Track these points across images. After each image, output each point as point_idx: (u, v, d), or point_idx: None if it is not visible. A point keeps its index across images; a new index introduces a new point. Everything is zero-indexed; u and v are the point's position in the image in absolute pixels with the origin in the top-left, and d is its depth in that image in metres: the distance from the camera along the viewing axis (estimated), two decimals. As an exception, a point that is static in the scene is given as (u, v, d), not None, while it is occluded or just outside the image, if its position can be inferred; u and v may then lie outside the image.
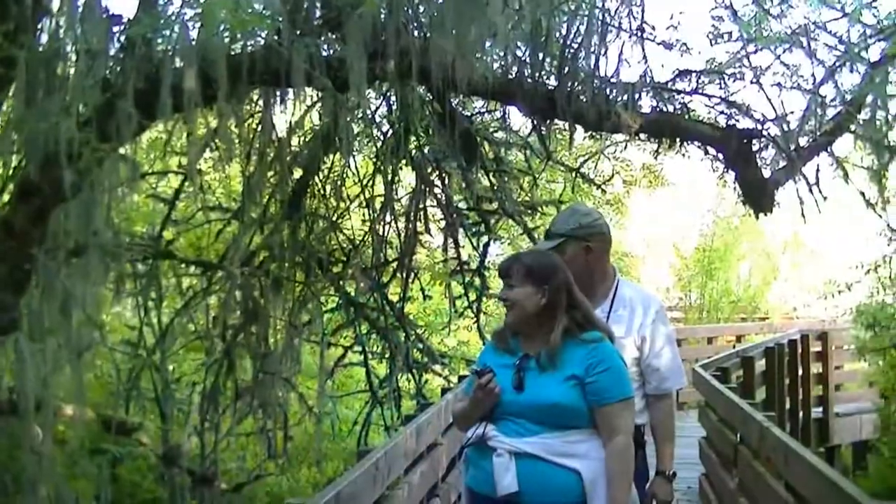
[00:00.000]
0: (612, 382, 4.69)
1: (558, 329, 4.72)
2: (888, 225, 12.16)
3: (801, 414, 17.45)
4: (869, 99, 10.80)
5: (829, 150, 10.86)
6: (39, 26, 7.89)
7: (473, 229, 11.21)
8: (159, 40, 7.91)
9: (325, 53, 8.69)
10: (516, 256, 5.04)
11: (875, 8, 11.17)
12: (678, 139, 10.33)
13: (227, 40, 7.98)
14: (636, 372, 5.43)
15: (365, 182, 11.07)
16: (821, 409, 18.43)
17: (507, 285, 4.84)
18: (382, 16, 8.26)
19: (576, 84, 9.34)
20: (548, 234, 5.61)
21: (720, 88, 10.57)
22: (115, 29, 7.84)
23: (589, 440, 4.65)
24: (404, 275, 11.30)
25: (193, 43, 7.70)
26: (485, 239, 11.54)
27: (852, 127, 10.88)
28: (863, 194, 11.33)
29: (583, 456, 4.60)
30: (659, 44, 10.43)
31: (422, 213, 11.03)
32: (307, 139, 10.49)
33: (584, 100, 9.26)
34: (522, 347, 4.83)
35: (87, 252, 7.81)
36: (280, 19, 7.85)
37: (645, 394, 5.54)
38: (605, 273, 5.60)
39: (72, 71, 7.72)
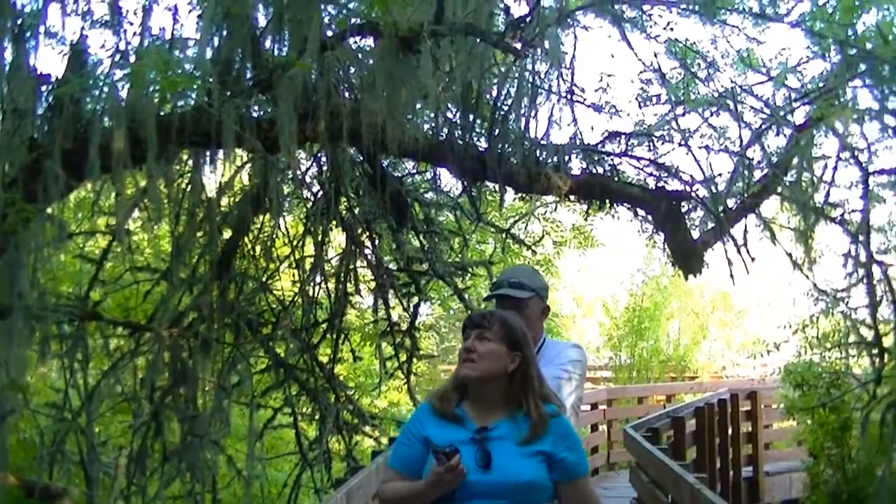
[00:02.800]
0: (579, 457, 4.45)
1: (538, 402, 4.38)
2: (815, 285, 12.29)
3: (731, 473, 17.50)
4: (795, 161, 10.97)
5: (756, 211, 11.03)
6: (-35, 85, 7.80)
7: (404, 290, 11.19)
8: (88, 100, 7.88)
9: (255, 114, 8.72)
10: (493, 312, 4.71)
11: (800, 72, 11.40)
12: (608, 200, 10.43)
13: (156, 101, 7.96)
14: None
15: (295, 243, 11.03)
16: (751, 468, 18.51)
17: (478, 336, 4.42)
18: (313, 77, 8.28)
19: (506, 146, 9.42)
20: (513, 285, 5.40)
21: (649, 150, 10.72)
22: (43, 88, 7.80)
23: None
24: (334, 336, 11.24)
25: (122, 103, 7.66)
26: (415, 300, 11.52)
27: (779, 189, 11.05)
28: (790, 255, 11.47)
29: None
30: (588, 106, 10.58)
31: (352, 273, 11.00)
32: (237, 199, 10.44)
33: (515, 161, 9.34)
34: (471, 417, 4.38)
35: (11, 314, 7.69)
36: (210, 80, 7.83)
37: None
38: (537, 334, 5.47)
39: (-2, 130, 7.65)
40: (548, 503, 4.35)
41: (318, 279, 10.99)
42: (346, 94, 8.86)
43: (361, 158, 9.93)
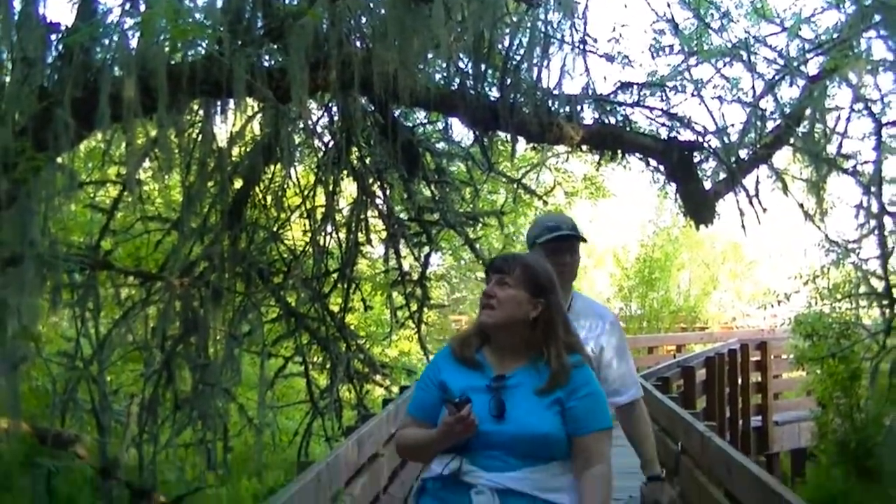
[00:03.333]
0: (591, 410, 4.15)
1: (560, 351, 4.15)
2: (826, 236, 12.28)
3: (741, 423, 17.59)
4: (808, 112, 10.92)
5: (768, 162, 10.98)
6: (-26, 34, 7.76)
7: (415, 240, 11.18)
8: (98, 49, 7.84)
9: (266, 64, 8.66)
10: (517, 255, 4.45)
11: (813, 23, 11.32)
12: (620, 151, 10.40)
13: (167, 50, 7.91)
14: None
15: (306, 193, 11.01)
16: (760, 417, 18.60)
17: (498, 282, 4.20)
18: (325, 26, 8.23)
19: (518, 96, 9.37)
20: (572, 228, 5.30)
21: (661, 101, 10.67)
22: (53, 37, 7.76)
23: (569, 472, 4.09)
24: (345, 285, 11.25)
25: (133, 52, 7.63)
26: (426, 250, 11.51)
27: (791, 140, 11.00)
28: (801, 206, 11.44)
29: (567, 489, 4.07)
30: (601, 56, 10.53)
31: (363, 223, 10.99)
32: (248, 149, 10.41)
33: (527, 111, 9.29)
34: (491, 363, 4.18)
35: (23, 262, 7.70)
36: (221, 29, 7.79)
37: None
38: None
39: (7, 79, 7.62)
40: (565, 457, 4.10)
41: (329, 229, 10.98)
42: (358, 44, 8.79)
43: (373, 108, 9.89)
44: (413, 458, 4.62)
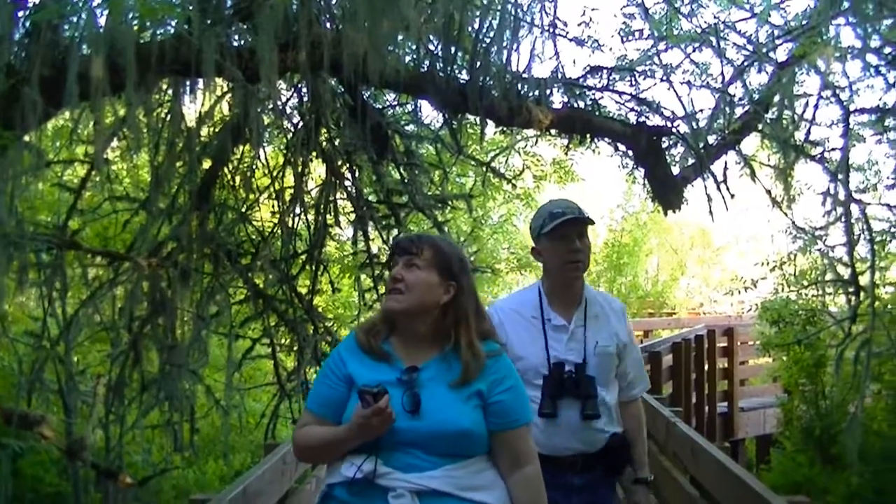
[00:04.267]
0: (518, 403, 3.97)
1: (473, 339, 3.92)
2: (793, 223, 12.36)
3: (706, 409, 17.71)
4: (776, 99, 10.98)
5: (736, 148, 11.06)
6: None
7: (383, 222, 11.16)
8: (66, 26, 7.78)
9: (235, 44, 8.63)
10: (424, 235, 4.19)
11: (783, 9, 11.40)
12: (589, 135, 10.42)
13: (135, 28, 7.87)
14: (615, 378, 5.29)
15: (275, 174, 10.99)
16: (726, 403, 18.74)
17: (406, 264, 3.95)
18: (294, 6, 8.22)
19: (487, 79, 9.36)
20: (566, 217, 5.06)
21: (631, 86, 10.71)
22: (20, 14, 7.70)
23: (489, 468, 3.88)
24: (313, 267, 11.24)
25: (101, 30, 7.58)
26: (395, 232, 11.48)
27: (760, 126, 11.07)
28: (769, 192, 11.51)
29: (489, 486, 3.84)
30: (571, 40, 10.53)
31: (332, 205, 10.96)
32: (217, 130, 10.37)
33: (496, 94, 9.29)
34: (400, 355, 3.93)
35: (-11, 241, 7.66)
36: (190, 8, 7.76)
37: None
38: None
39: (-26, 57, 7.55)
40: (484, 453, 3.90)
41: (297, 210, 10.95)
42: (328, 25, 8.78)
43: (342, 89, 9.87)
44: (315, 459, 4.35)
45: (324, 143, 10.57)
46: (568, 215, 5.05)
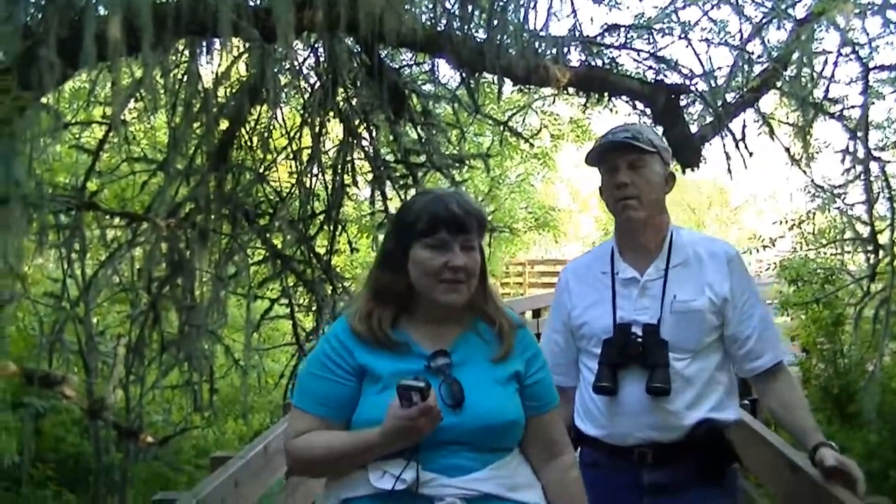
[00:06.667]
0: (551, 381, 3.47)
1: (499, 304, 3.41)
2: (812, 181, 12.32)
3: (723, 367, 17.71)
4: (795, 56, 10.91)
5: (755, 106, 11.01)
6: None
7: (401, 182, 11.16)
8: (82, -13, 7.77)
9: (252, 3, 8.61)
10: (471, 206, 3.33)
11: (802, -34, 11.29)
12: (606, 94, 10.40)
13: (152, -12, 7.86)
14: (716, 345, 4.19)
15: (292, 134, 10.99)
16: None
17: (465, 246, 3.26)
18: (311, -35, 8.19)
19: (505, 37, 9.33)
20: (630, 136, 4.11)
21: (648, 44, 10.69)
22: (37, -25, 7.70)
23: (523, 462, 3.37)
24: (331, 227, 11.25)
25: (118, -9, 7.57)
26: (412, 192, 11.50)
27: (778, 83, 11.00)
28: (788, 150, 11.47)
29: (531, 484, 3.34)
30: (588, -2, 10.47)
31: (349, 165, 10.97)
32: (234, 90, 10.38)
33: (513, 53, 9.26)
34: (416, 338, 3.30)
35: (8, 203, 7.68)
36: (207, -33, 7.74)
37: (737, 378, 4.31)
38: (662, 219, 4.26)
39: (-9, 18, 7.55)
40: (516, 446, 3.38)
41: (315, 170, 10.96)
42: (345, -17, 8.76)
43: (359, 49, 9.85)
44: (325, 472, 3.33)
45: (341, 103, 10.57)
46: (610, 138, 4.14)
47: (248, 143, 10.79)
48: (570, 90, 10.43)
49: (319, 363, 3.31)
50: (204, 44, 8.80)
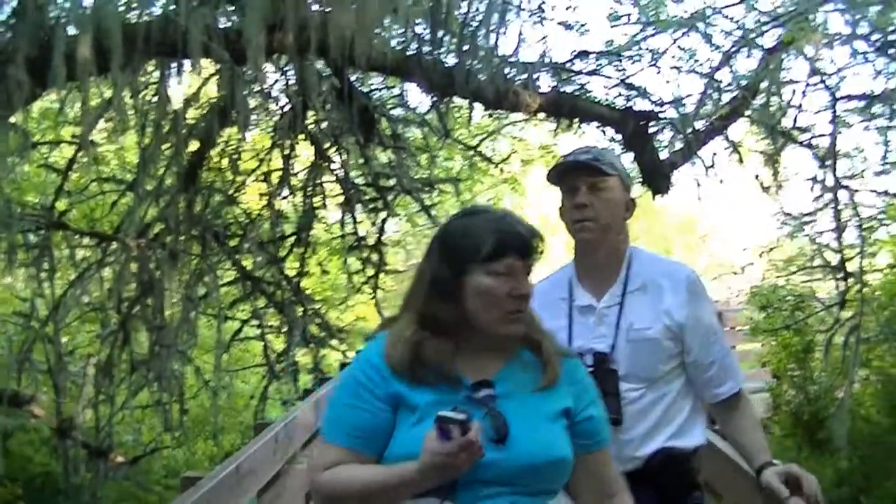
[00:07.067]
0: (603, 418, 3.14)
1: (544, 328, 3.10)
2: (781, 208, 12.38)
3: (695, 393, 17.72)
4: (764, 85, 10.98)
5: (724, 133, 11.05)
6: (-74, -10, 7.71)
7: (371, 205, 11.21)
8: (52, 7, 7.79)
9: (222, 25, 8.63)
10: (534, 228, 3.04)
11: (771, -6, 11.37)
12: (576, 119, 10.43)
13: (122, 9, 7.89)
14: (676, 372, 3.91)
15: (262, 156, 11.04)
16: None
17: (527, 270, 2.98)
18: (281, -12, 8.22)
19: (475, 62, 9.38)
20: (590, 157, 3.86)
21: (618, 70, 10.73)
22: (7, -6, 7.72)
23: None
24: (301, 249, 11.28)
25: (88, 11, 7.59)
26: (382, 215, 11.55)
27: (747, 111, 11.06)
28: (757, 178, 11.54)
29: None
30: (558, 24, 10.55)
31: (319, 188, 11.02)
32: (203, 112, 10.40)
33: (483, 78, 9.30)
34: (458, 366, 2.92)
35: (-24, 221, 7.69)
36: (177, -11, 7.77)
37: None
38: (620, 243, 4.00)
39: (-40, 36, 7.58)
40: (563, 490, 3.03)
41: (285, 192, 11.01)
42: (315, 7, 8.78)
43: (329, 72, 9.89)
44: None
45: (311, 126, 10.62)
46: (570, 157, 3.93)
47: (218, 165, 10.83)
48: (540, 115, 10.47)
49: (350, 391, 2.96)
50: (174, 65, 8.81)
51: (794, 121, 11.48)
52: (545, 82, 10.16)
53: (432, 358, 2.87)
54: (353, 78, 10.05)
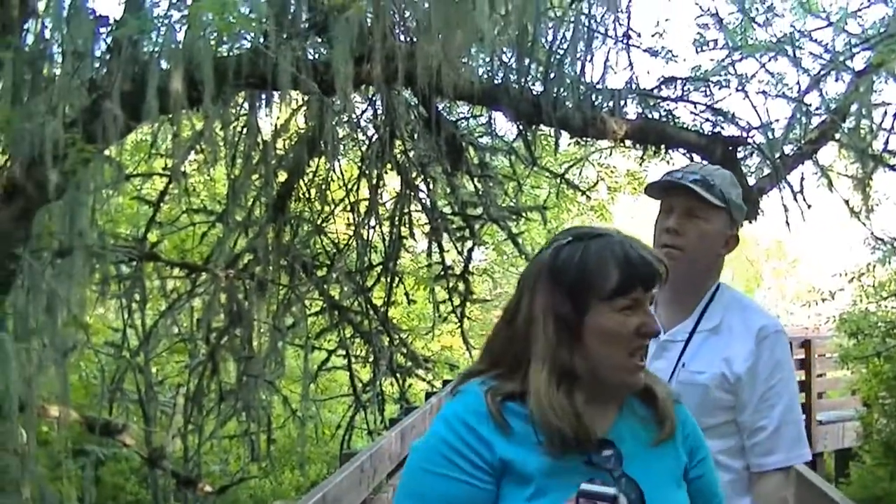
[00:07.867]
0: (715, 478, 2.59)
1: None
2: (872, 233, 12.20)
3: (783, 421, 17.46)
4: (853, 108, 10.85)
5: (813, 158, 10.91)
6: (25, 27, 7.86)
7: (458, 234, 11.21)
8: (146, 42, 7.91)
9: (311, 57, 8.71)
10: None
11: (860, 17, 11.24)
12: (663, 146, 10.36)
13: (213, 43, 7.99)
14: (728, 428, 3.34)
15: (350, 186, 11.09)
16: (804, 416, 18.45)
17: (650, 302, 2.41)
18: (369, 20, 8.28)
19: (561, 90, 9.37)
20: (699, 182, 3.33)
21: (705, 96, 10.63)
22: (102, 30, 7.85)
23: None
24: (388, 279, 11.31)
25: (180, 45, 7.70)
26: (469, 244, 11.54)
27: (837, 135, 10.93)
28: (847, 202, 11.38)
29: None
30: (645, 51, 10.49)
31: (406, 217, 11.05)
32: (292, 142, 10.50)
33: (570, 105, 9.29)
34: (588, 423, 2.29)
35: (71, 253, 7.80)
36: (266, 22, 7.85)
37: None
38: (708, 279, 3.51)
39: (58, 72, 7.72)
40: None
41: (372, 222, 11.05)
42: (402, 37, 8.84)
43: (416, 102, 9.93)
44: None
45: (398, 155, 10.66)
46: (669, 177, 3.45)
47: (307, 195, 10.91)
48: (627, 142, 10.42)
49: (440, 457, 2.28)
50: (263, 96, 8.91)
51: (885, 144, 11.32)
52: (632, 109, 10.12)
53: (573, 421, 2.26)
54: (440, 107, 10.09)
